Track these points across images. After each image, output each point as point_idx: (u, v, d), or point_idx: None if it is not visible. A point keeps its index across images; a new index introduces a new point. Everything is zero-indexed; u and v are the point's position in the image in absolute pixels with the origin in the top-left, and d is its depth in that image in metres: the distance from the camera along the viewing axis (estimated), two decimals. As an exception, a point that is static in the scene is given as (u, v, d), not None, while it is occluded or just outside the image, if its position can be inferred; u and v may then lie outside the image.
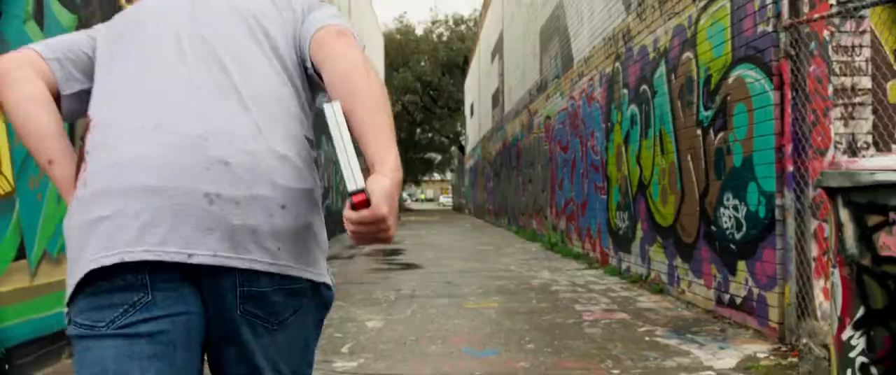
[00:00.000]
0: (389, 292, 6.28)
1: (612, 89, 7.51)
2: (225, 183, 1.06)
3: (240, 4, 1.25)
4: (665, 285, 5.89)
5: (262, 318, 1.11)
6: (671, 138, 5.73)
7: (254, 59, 1.17)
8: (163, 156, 1.05)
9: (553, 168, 11.17)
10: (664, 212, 5.92)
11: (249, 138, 1.09)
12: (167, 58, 1.15)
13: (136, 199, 1.03)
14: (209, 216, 1.04)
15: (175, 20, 1.20)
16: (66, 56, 1.23)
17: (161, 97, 1.10)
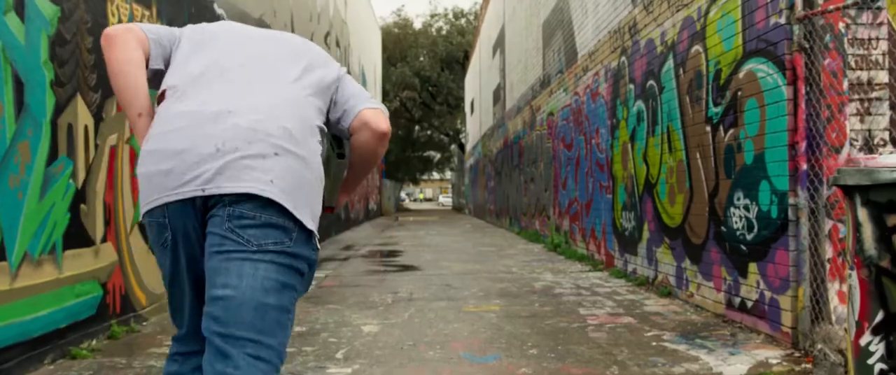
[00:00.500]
0: (386, 295, 6.25)
1: (618, 84, 7.48)
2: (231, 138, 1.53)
3: (292, 39, 1.86)
4: (673, 288, 5.86)
5: (239, 239, 1.54)
6: (679, 135, 5.70)
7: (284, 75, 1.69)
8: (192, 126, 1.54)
9: (556, 166, 11.14)
10: (672, 212, 5.89)
11: (263, 114, 1.57)
12: (227, 66, 1.67)
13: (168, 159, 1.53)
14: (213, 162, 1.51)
15: (239, 41, 1.77)
16: (159, 41, 1.72)
17: (215, 87, 1.60)
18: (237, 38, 1.79)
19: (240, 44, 1.76)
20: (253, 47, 1.76)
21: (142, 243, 4.97)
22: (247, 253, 1.51)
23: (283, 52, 1.78)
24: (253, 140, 1.53)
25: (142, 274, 4.96)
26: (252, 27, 1.89)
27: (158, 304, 5.23)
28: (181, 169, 1.52)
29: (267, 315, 1.51)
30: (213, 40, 1.76)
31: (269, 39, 1.83)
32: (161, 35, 1.74)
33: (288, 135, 1.57)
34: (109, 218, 4.49)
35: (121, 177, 4.65)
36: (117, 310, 4.57)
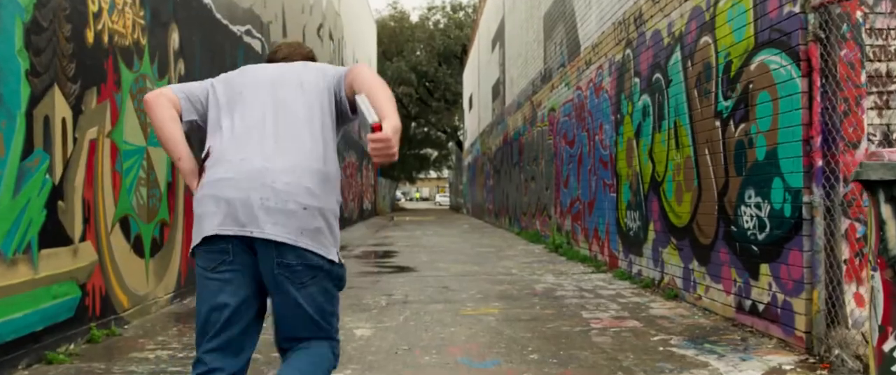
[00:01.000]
0: (380, 297, 6.18)
1: (623, 78, 7.41)
2: (271, 197, 1.97)
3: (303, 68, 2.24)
4: (680, 290, 5.79)
5: (289, 279, 2.03)
6: (687, 130, 5.63)
7: (303, 128, 2.09)
8: (239, 179, 1.98)
9: (558, 164, 11.08)
10: (679, 211, 5.82)
11: (289, 175, 2.00)
12: (252, 120, 2.08)
13: (224, 203, 1.99)
14: (264, 213, 1.96)
15: (261, 94, 2.14)
16: (188, 97, 2.18)
17: (246, 143, 2.04)
18: (260, 91, 2.17)
19: (264, 98, 2.16)
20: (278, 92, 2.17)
21: (123, 242, 4.89)
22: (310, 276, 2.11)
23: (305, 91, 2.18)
24: (289, 200, 2.01)
25: (123, 274, 4.88)
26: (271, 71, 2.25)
27: (141, 306, 5.15)
28: (233, 213, 2.02)
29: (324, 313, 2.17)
30: (241, 98, 2.17)
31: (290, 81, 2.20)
32: (192, 91, 2.22)
33: (307, 191, 2.04)
34: (89, 216, 4.41)
35: (101, 173, 4.57)
36: (97, 313, 4.49)
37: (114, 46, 4.80)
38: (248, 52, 8.31)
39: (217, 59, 7.11)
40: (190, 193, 6.21)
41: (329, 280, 2.13)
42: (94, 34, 4.53)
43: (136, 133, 5.13)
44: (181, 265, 6.00)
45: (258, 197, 1.98)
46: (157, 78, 5.56)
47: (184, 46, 6.13)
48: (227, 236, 2.00)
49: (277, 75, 2.22)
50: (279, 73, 2.22)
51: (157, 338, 4.49)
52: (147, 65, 5.36)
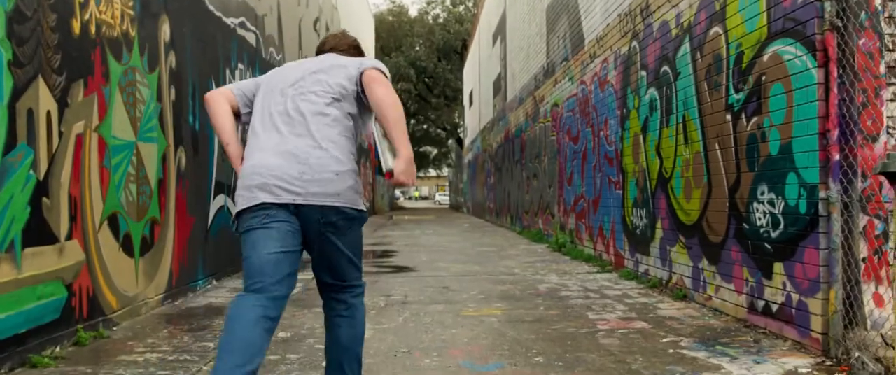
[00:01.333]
0: (378, 298, 6.10)
1: (629, 71, 7.33)
2: (308, 170, 2.45)
3: (334, 64, 2.66)
4: (689, 290, 5.72)
5: (337, 230, 2.55)
6: (696, 125, 5.55)
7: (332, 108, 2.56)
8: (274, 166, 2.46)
9: (561, 161, 11.00)
10: (688, 209, 5.74)
11: (319, 151, 2.48)
12: (280, 111, 2.55)
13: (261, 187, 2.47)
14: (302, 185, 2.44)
15: (293, 87, 2.62)
16: (242, 92, 2.72)
17: (277, 131, 2.51)
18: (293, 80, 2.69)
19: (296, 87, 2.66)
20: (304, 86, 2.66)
21: (112, 241, 4.81)
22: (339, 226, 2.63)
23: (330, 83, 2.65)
24: (322, 174, 2.51)
25: (112, 274, 4.80)
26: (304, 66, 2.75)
27: (130, 307, 5.07)
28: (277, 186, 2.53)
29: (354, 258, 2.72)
30: (277, 90, 2.68)
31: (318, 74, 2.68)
32: (245, 88, 2.78)
33: (333, 167, 2.53)
34: (76, 213, 4.33)
35: (88, 169, 4.49)
36: (84, 314, 4.41)
37: (101, 37, 4.72)
38: (241, 44, 8.23)
39: (209, 51, 7.03)
40: (181, 191, 6.15)
41: (359, 225, 2.69)
42: (81, 24, 4.45)
43: (124, 127, 5.05)
44: (173, 265, 5.92)
45: (297, 172, 2.50)
46: (148, 70, 5.48)
47: (175, 38, 6.05)
48: (272, 204, 2.50)
49: (308, 69, 2.71)
50: (309, 68, 2.72)
51: (146, 341, 4.41)
52: (137, 57, 5.28)
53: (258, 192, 2.50)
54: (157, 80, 5.67)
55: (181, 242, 6.14)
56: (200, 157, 6.69)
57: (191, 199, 6.40)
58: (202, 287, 6.66)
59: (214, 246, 7.06)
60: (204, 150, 6.81)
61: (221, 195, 7.35)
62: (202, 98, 6.74)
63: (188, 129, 6.37)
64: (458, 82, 38.88)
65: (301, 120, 2.57)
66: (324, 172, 2.51)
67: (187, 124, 6.35)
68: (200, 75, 6.75)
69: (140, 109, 5.32)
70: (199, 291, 6.49)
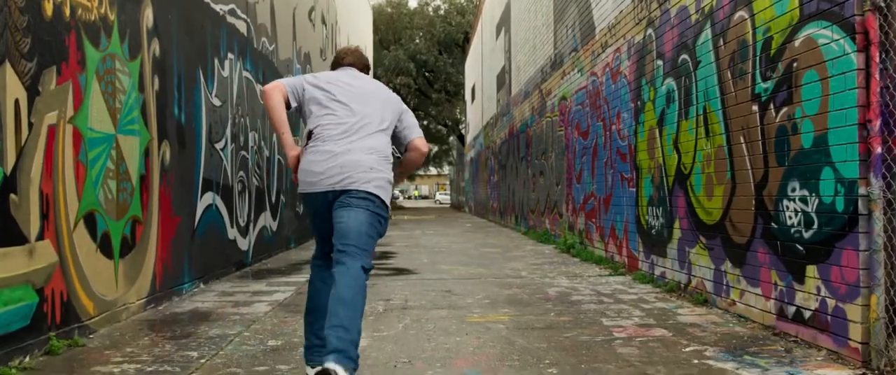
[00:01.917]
0: (377, 303, 5.90)
1: (644, 61, 7.12)
2: (352, 166, 3.30)
3: (378, 90, 3.56)
4: (710, 294, 5.51)
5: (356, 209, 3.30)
6: (719, 117, 5.35)
7: (383, 125, 3.45)
8: (323, 165, 3.32)
9: (570, 157, 10.80)
10: (709, 207, 5.54)
11: (363, 153, 3.32)
12: (338, 113, 3.38)
13: (322, 179, 3.32)
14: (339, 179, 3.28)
15: (356, 102, 3.44)
16: (293, 89, 3.46)
17: (343, 132, 3.34)
18: (355, 100, 3.50)
19: (357, 96, 3.52)
20: (363, 98, 3.52)
21: (89, 241, 4.61)
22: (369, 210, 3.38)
23: (383, 104, 3.56)
24: (357, 168, 3.34)
25: (89, 277, 4.60)
26: (366, 88, 3.60)
27: (109, 313, 4.88)
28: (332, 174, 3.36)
29: (370, 244, 3.39)
30: (341, 100, 3.49)
31: (372, 94, 3.57)
32: (294, 85, 3.52)
33: (367, 164, 3.35)
34: (48, 212, 4.13)
35: (62, 163, 4.29)
36: (57, 321, 4.21)
37: (77, 21, 4.52)
38: (231, 33, 8.03)
39: (197, 38, 6.83)
40: (165, 188, 5.95)
41: (376, 211, 3.41)
42: (54, 6, 4.25)
43: (103, 119, 4.85)
44: (156, 267, 5.73)
45: (343, 168, 3.35)
46: (128, 58, 5.28)
47: (159, 24, 5.85)
48: (325, 190, 3.37)
49: (370, 93, 3.58)
50: (371, 92, 3.59)
51: (125, 350, 4.22)
52: (116, 43, 5.08)
53: (323, 181, 3.38)
54: (138, 69, 5.47)
55: (165, 243, 5.94)
56: (187, 152, 6.50)
57: (176, 197, 6.20)
58: (188, 290, 6.46)
59: (201, 247, 6.87)
60: (191, 145, 6.61)
61: (210, 193, 7.16)
62: (187, 88, 6.56)
63: (173, 122, 6.17)
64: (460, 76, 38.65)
65: (364, 127, 3.46)
66: (362, 164, 3.40)
67: (172, 117, 6.15)
68: (187, 64, 6.55)
69: (120, 100, 5.13)
70: (184, 295, 6.29)
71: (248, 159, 8.76)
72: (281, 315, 5.34)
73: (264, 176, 9.69)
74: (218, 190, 7.45)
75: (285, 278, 7.61)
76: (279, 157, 10.68)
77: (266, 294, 6.43)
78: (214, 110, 7.37)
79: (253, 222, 8.97)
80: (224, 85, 7.75)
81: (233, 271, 7.97)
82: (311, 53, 14.04)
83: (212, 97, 7.29)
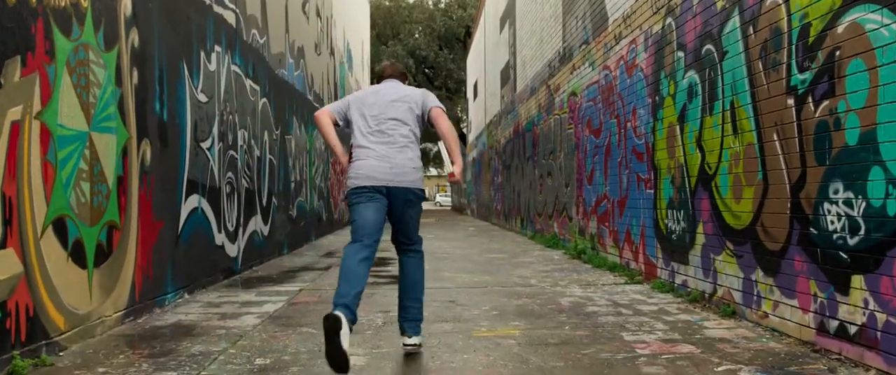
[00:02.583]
0: (375, 314, 5.65)
1: (663, 53, 6.88)
2: (398, 169, 4.24)
3: (412, 97, 4.38)
4: (738, 306, 5.26)
5: (410, 203, 4.32)
6: (748, 112, 5.10)
7: (406, 127, 4.30)
8: (377, 165, 4.22)
9: (580, 157, 10.55)
10: (737, 210, 5.29)
11: (402, 158, 4.25)
12: (376, 125, 4.29)
13: (371, 177, 4.21)
14: (393, 177, 4.21)
15: (376, 107, 4.35)
16: (339, 111, 4.44)
17: (374, 141, 4.27)
18: (380, 102, 4.34)
19: (382, 110, 4.31)
20: (390, 109, 4.31)
21: (58, 249, 4.36)
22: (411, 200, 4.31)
23: (407, 109, 4.33)
24: (405, 169, 4.19)
25: (58, 289, 4.35)
26: (384, 92, 4.40)
27: (82, 328, 4.63)
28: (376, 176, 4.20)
29: (415, 224, 4.38)
30: (370, 106, 4.33)
31: (396, 99, 4.35)
32: (340, 108, 4.40)
33: (413, 168, 4.23)
34: (11, 217, 3.88)
35: (28, 163, 4.04)
36: (22, 337, 3.96)
37: (44, 7, 4.27)
38: (219, 23, 7.79)
39: (181, 29, 6.59)
40: (146, 190, 5.70)
41: (421, 204, 4.36)
42: (18, -10, 4.00)
43: (75, 114, 4.60)
44: (135, 276, 5.48)
45: (392, 168, 4.18)
46: (104, 49, 5.03)
47: (138, 13, 5.60)
48: (376, 186, 4.16)
49: (391, 97, 4.37)
50: (393, 99, 4.37)
51: (97, 370, 3.96)
52: (90, 32, 4.84)
53: (371, 178, 4.20)
54: (115, 61, 5.22)
55: (145, 250, 5.69)
56: (169, 151, 6.25)
57: (157, 200, 5.95)
58: (171, 301, 6.21)
59: (186, 253, 6.62)
60: (174, 143, 6.36)
61: (195, 195, 6.91)
62: (170, 82, 6.31)
63: (155, 119, 5.93)
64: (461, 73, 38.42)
65: (394, 133, 4.31)
66: (409, 168, 4.27)
67: (153, 113, 5.91)
68: (170, 57, 6.30)
69: (94, 94, 4.88)
70: (167, 307, 6.04)
71: (238, 159, 8.51)
72: (271, 329, 5.09)
73: (255, 177, 9.43)
74: (204, 193, 7.20)
75: (277, 287, 7.36)
76: (271, 157, 10.44)
77: (255, 305, 6.18)
78: (200, 106, 7.12)
79: (242, 226, 8.72)
80: (211, 79, 7.50)
81: (220, 279, 7.72)
82: (305, 47, 13.80)
83: (197, 92, 7.05)
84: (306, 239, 13.54)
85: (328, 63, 17.44)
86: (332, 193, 17.44)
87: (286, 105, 11.74)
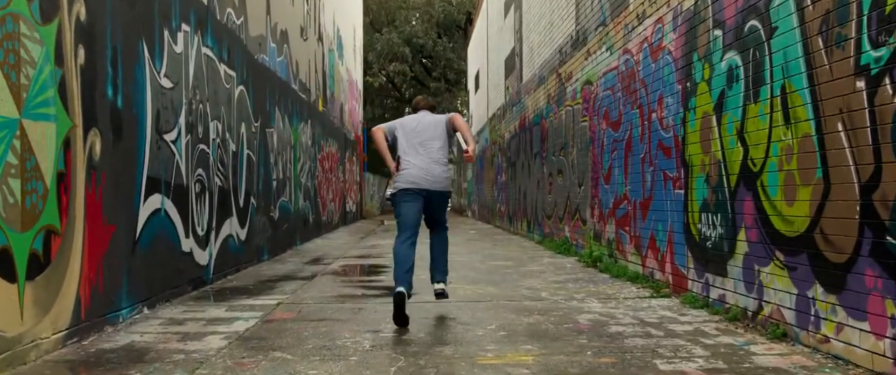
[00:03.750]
0: (363, 335, 5.15)
1: (695, 32, 6.37)
2: (435, 177, 6.05)
3: (439, 120, 6.27)
4: (791, 326, 4.76)
5: (440, 201, 6.22)
6: (805, 97, 4.60)
7: (439, 143, 6.13)
8: (417, 174, 6.02)
9: (596, 153, 10.04)
10: (789, 214, 4.79)
11: (438, 168, 6.08)
12: (415, 144, 6.11)
13: (412, 182, 6.00)
14: (430, 182, 6.01)
15: (420, 133, 6.16)
16: (391, 132, 6.30)
17: (417, 154, 6.08)
18: (418, 127, 6.11)
19: (421, 131, 6.09)
20: (425, 131, 6.09)
21: (-23, 260, 3.84)
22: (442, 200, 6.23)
23: (436, 129, 6.11)
24: (438, 177, 6.02)
25: (-23, 308, 3.84)
26: (421, 119, 6.19)
27: (11, 353, 4.12)
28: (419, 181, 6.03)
29: (445, 215, 6.38)
30: (414, 133, 6.08)
31: (428, 124, 6.14)
32: (389, 127, 6.26)
33: (443, 175, 6.07)
34: (-88, 221, 3.37)
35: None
36: (-74, 369, 3.45)
37: (-40, -34, 3.76)
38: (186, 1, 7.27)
39: (139, 3, 6.07)
40: (94, 189, 5.18)
41: (448, 199, 6.25)
42: (-76, -56, 3.49)
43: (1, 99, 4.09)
44: (81, 290, 4.97)
45: (428, 175, 5.91)
46: (39, 21, 4.52)
47: (84, -20, 5.09)
48: (415, 189, 5.90)
49: (426, 123, 6.09)
50: (427, 124, 6.09)
51: None
52: (21, 1, 4.33)
53: (413, 182, 5.87)
54: (54, 36, 4.71)
55: (94, 258, 5.19)
56: (125, 144, 5.74)
57: (110, 200, 5.44)
58: (127, 318, 5.71)
59: (145, 262, 6.11)
60: (131, 135, 5.85)
61: (157, 195, 6.41)
62: (126, 64, 5.80)
63: (106, 105, 5.42)
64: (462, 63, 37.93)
65: (428, 148, 5.98)
66: (439, 176, 5.97)
67: (105, 98, 5.40)
68: (125, 35, 5.79)
69: (27, 74, 4.37)
70: (120, 325, 5.53)
71: (209, 154, 8.00)
72: (238, 354, 4.58)
73: (230, 174, 8.92)
74: (168, 192, 6.69)
75: (252, 300, 6.85)
76: (249, 152, 9.93)
77: (224, 322, 5.67)
78: (163, 93, 6.61)
79: (215, 230, 8.21)
80: (177, 63, 6.99)
81: (188, 291, 7.22)
82: (290, 31, 13.30)
83: (160, 77, 6.53)
84: (290, 243, 13.04)
85: (316, 49, 16.93)
86: (319, 192, 16.93)
87: (267, 94, 11.23)
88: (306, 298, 6.99)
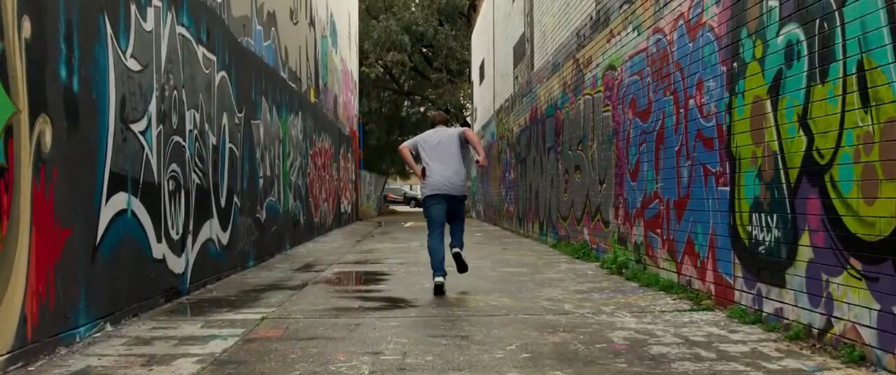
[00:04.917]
0: (360, 358, 4.64)
1: (744, 4, 5.86)
2: (454, 185, 8.24)
3: (453, 134, 8.43)
4: (870, 348, 4.25)
5: (459, 202, 8.44)
6: (890, 74, 4.09)
7: (456, 154, 8.28)
8: (440, 182, 8.19)
9: (620, 146, 9.53)
10: (869, 215, 4.28)
11: (457, 177, 8.25)
12: (437, 156, 8.26)
13: (436, 190, 8.20)
14: (450, 189, 8.21)
15: (440, 145, 8.30)
16: (414, 146, 8.51)
17: (439, 165, 8.23)
18: (437, 142, 8.18)
19: (441, 145, 8.17)
20: (443, 145, 8.15)
21: None
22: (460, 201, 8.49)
23: (452, 143, 8.16)
24: (456, 184, 8.17)
25: None
26: (440, 134, 8.25)
27: (-69, 386, 3.60)
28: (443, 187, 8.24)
29: (462, 211, 8.54)
30: (432, 146, 8.20)
31: (446, 138, 8.18)
32: (412, 143, 8.39)
33: (461, 181, 8.20)
34: None
35: None
36: None
37: None
38: (157, -30, 6.75)
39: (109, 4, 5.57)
40: (44, 186, 4.64)
41: (465, 200, 8.62)
42: None
43: (-80, 75, 3.58)
44: (27, 305, 4.47)
45: (449, 183, 8.09)
46: (-28, -16, 4.01)
47: (31, -61, 4.58)
48: (441, 194, 8.11)
49: (443, 138, 8.19)
50: (445, 138, 8.19)
51: None
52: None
53: (437, 190, 8.01)
54: (-8, 3, 4.20)
55: (43, 268, 4.68)
56: (82, 134, 5.23)
57: (63, 199, 4.94)
58: (84, 337, 5.20)
59: (108, 271, 5.61)
60: (90, 123, 5.35)
61: (122, 194, 5.90)
62: (83, 42, 5.29)
63: (58, 89, 4.91)
64: (465, 52, 37.47)
65: (447, 160, 8.05)
66: (457, 183, 8.08)
67: (57, 80, 4.89)
68: (82, 8, 5.29)
69: (-44, 47, 3.85)
70: (77, 345, 5.02)
71: (186, 148, 7.49)
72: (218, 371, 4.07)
73: (210, 171, 8.41)
74: (136, 190, 6.18)
75: (233, 314, 6.34)
76: (232, 146, 9.42)
77: (198, 341, 5.17)
78: (130, 77, 6.10)
79: (192, 234, 7.70)
80: (146, 42, 6.48)
81: (160, 303, 6.71)
82: (278, 13, 12.80)
83: (126, 57, 6.03)
84: (278, 247, 12.53)
85: (307, 35, 16.44)
86: (311, 192, 16.44)
87: (253, 82, 10.73)
88: (295, 311, 6.47)
